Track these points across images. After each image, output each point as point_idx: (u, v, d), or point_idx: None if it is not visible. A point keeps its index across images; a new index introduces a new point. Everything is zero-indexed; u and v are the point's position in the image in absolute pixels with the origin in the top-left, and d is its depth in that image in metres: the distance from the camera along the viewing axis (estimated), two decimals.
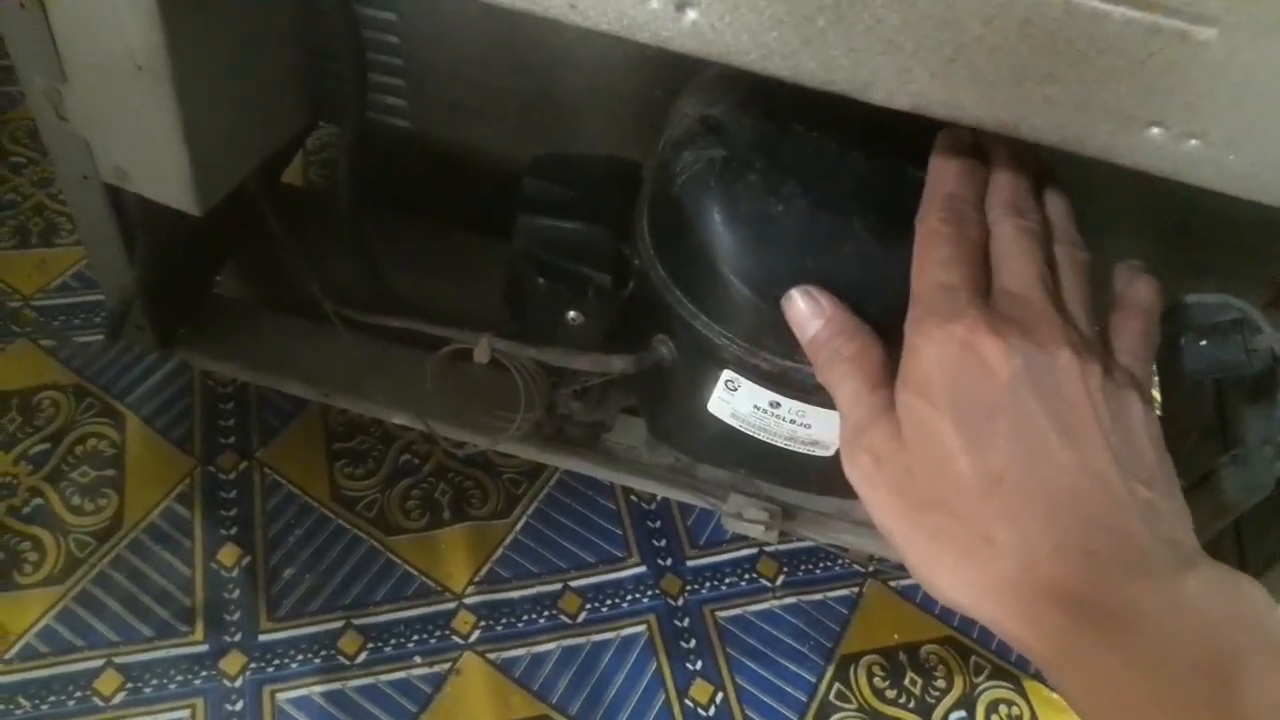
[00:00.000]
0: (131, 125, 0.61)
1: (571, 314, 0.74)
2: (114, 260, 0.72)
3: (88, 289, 0.97)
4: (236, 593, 0.80)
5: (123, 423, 0.88)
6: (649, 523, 0.89)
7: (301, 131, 0.83)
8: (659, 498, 0.90)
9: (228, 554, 0.82)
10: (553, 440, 0.81)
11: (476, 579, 0.84)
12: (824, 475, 0.74)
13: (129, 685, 0.75)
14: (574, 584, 0.85)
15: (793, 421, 0.68)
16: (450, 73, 0.83)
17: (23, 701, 0.73)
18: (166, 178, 0.63)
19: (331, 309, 0.78)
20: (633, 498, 0.90)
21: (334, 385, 0.81)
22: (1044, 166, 0.57)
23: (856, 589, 0.88)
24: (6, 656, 0.75)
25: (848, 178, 0.61)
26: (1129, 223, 0.82)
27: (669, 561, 0.87)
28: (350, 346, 0.80)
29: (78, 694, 0.74)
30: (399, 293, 0.82)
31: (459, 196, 0.92)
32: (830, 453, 0.70)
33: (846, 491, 0.78)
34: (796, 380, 0.64)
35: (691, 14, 0.47)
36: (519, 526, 0.87)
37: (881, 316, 0.61)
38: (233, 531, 0.83)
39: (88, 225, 0.71)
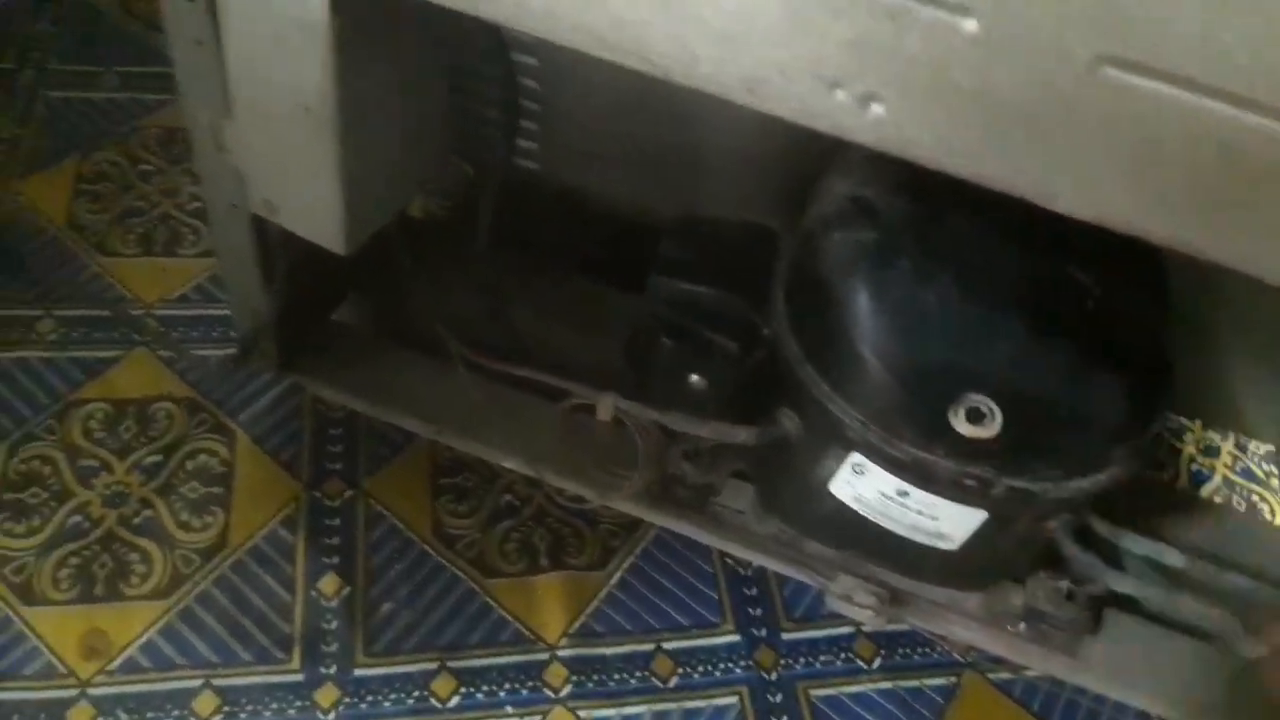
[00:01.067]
0: (290, 163, 0.61)
1: (694, 377, 0.74)
2: (250, 287, 0.73)
3: (207, 302, 0.98)
4: (335, 623, 0.80)
5: (233, 441, 0.89)
6: (745, 589, 0.87)
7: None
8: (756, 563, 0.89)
9: (329, 583, 0.82)
10: (660, 499, 0.80)
11: (570, 631, 0.83)
12: (944, 567, 0.73)
13: (226, 709, 0.75)
14: (667, 646, 0.84)
15: (920, 512, 0.66)
16: (584, 120, 0.83)
17: (122, 715, 0.74)
18: (317, 216, 0.63)
19: (457, 351, 0.78)
20: (729, 561, 0.89)
21: (448, 424, 0.81)
22: None
23: (954, 679, 0.85)
24: (110, 668, 0.76)
25: (1004, 272, 0.60)
26: None
27: (764, 632, 0.85)
28: (468, 386, 0.80)
29: (175, 712, 0.74)
30: (521, 335, 0.82)
31: (582, 241, 0.92)
32: (955, 546, 0.68)
33: (965, 584, 0.76)
34: (932, 472, 0.62)
35: (877, 109, 0.46)
36: (614, 580, 0.86)
37: (1030, 419, 0.60)
38: (334, 560, 0.83)
39: (229, 252, 0.72)
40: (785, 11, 0.44)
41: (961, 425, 0.59)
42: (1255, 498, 1.06)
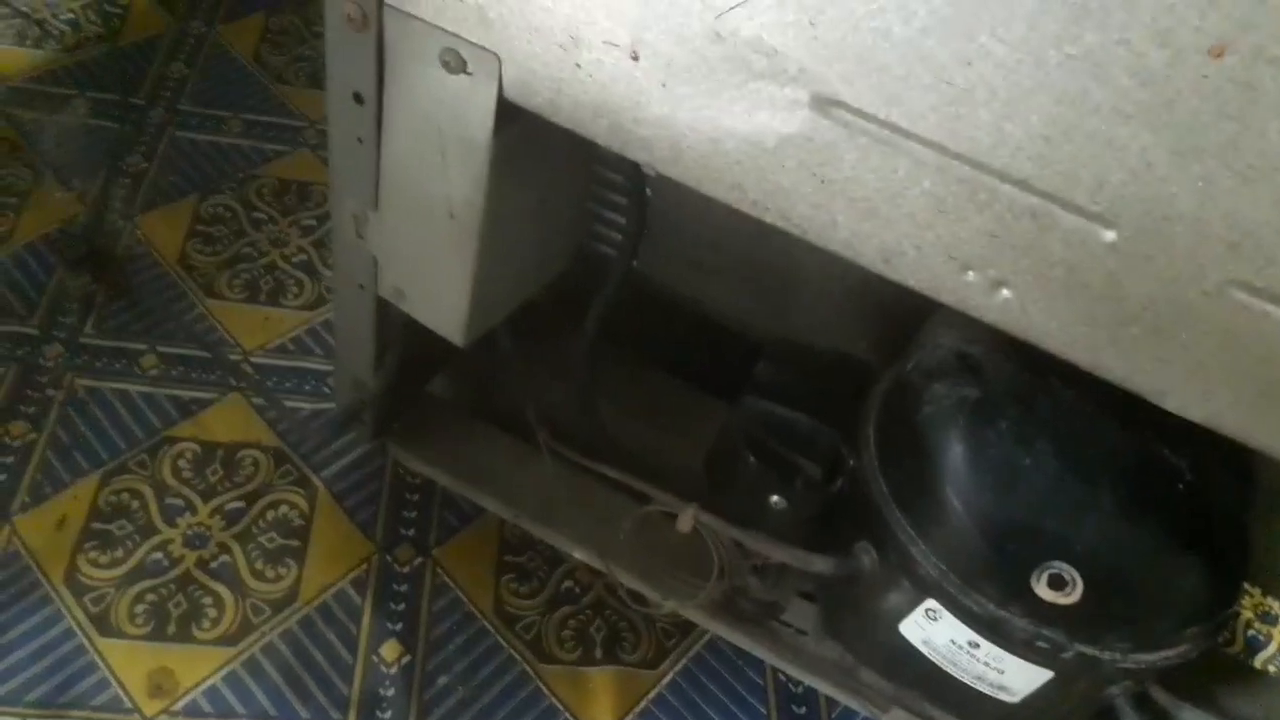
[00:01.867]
0: (425, 259, 0.65)
1: (775, 498, 0.75)
2: (360, 362, 0.76)
3: (303, 355, 1.02)
4: (392, 691, 0.82)
5: (314, 495, 0.92)
6: (794, 707, 0.88)
7: None
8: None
9: (390, 649, 0.84)
10: (722, 608, 0.81)
11: None
12: (1000, 717, 0.73)
13: None
14: None
15: (987, 664, 0.67)
16: (693, 230, 0.86)
17: None
18: (444, 308, 0.67)
19: (544, 439, 0.81)
20: (781, 677, 0.90)
21: (527, 509, 0.84)
22: None
23: None
24: (173, 708, 0.78)
25: (1100, 446, 0.61)
26: None
27: None
28: (551, 474, 0.82)
29: None
30: (607, 428, 0.84)
31: (674, 343, 0.94)
32: (1015, 700, 0.69)
33: None
34: (1006, 630, 0.64)
35: (1005, 293, 0.48)
36: (665, 682, 0.87)
37: (1111, 592, 0.61)
38: (398, 627, 0.85)
39: (347, 327, 0.75)
40: (931, 198, 0.47)
41: (1042, 589, 0.60)
42: None
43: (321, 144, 1.22)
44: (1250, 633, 1.09)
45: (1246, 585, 1.09)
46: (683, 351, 0.94)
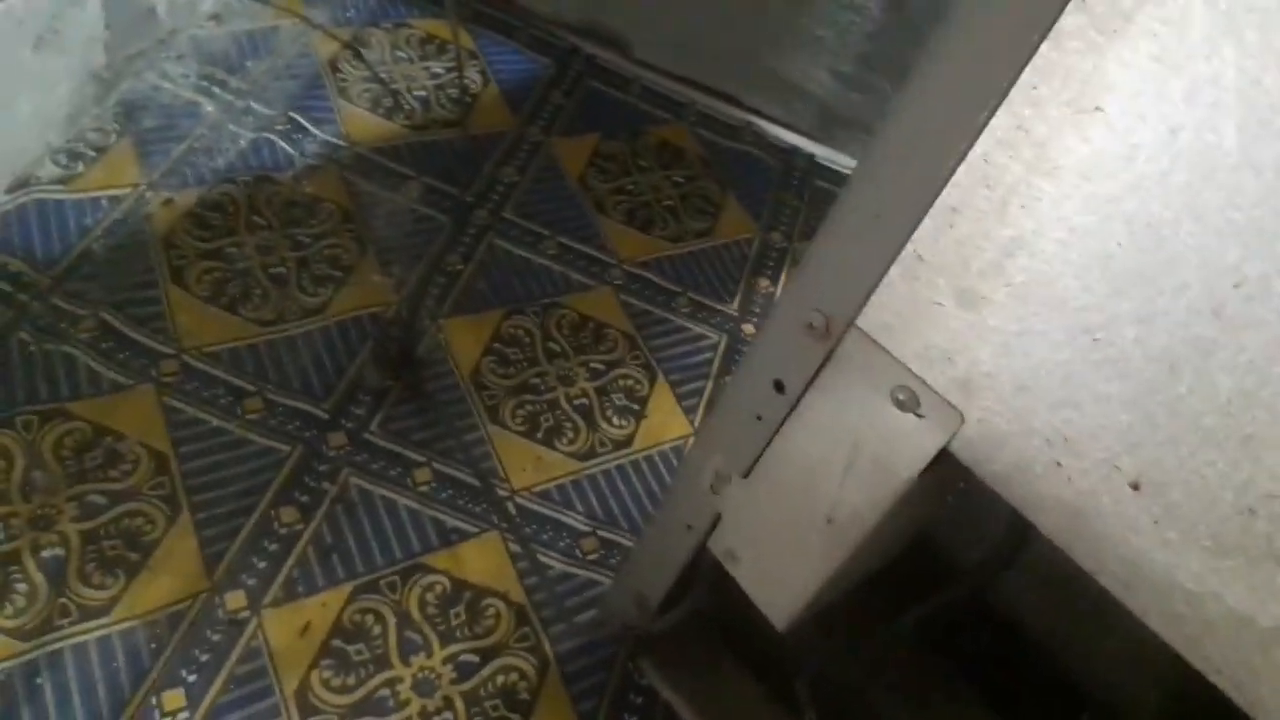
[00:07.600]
0: (780, 544, 0.61)
1: None
2: (654, 587, 0.73)
3: (565, 507, 1.00)
4: None
5: (545, 669, 0.89)
6: None
7: None
8: None
9: None
10: None
11: None
12: None
13: None
14: None
15: None
16: (1066, 576, 0.79)
17: None
18: (777, 591, 0.63)
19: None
20: None
21: None
22: None
23: None
24: None
25: None
26: None
27: None
28: None
29: None
30: None
31: (1002, 672, 0.86)
32: None
33: None
34: None
35: None
36: None
37: None
38: None
39: (655, 553, 0.72)
40: None
41: None
42: None
43: (626, 286, 1.22)
44: None
45: None
46: (1007, 681, 0.86)
